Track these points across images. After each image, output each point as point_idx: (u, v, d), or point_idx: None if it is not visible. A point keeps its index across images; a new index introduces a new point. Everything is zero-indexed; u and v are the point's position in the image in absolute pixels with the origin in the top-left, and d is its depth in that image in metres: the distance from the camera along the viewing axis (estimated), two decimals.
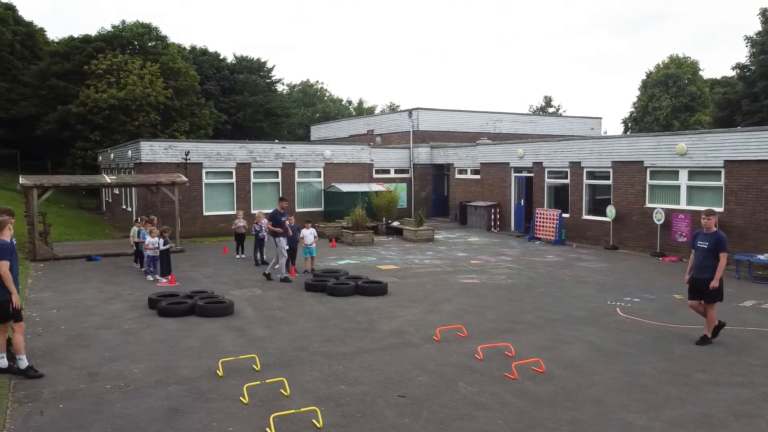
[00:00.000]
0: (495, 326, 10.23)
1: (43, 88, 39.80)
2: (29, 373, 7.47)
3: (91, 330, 9.95)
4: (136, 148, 23.24)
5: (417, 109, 31.86)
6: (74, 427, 6.21)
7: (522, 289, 13.35)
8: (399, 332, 9.85)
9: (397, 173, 29.39)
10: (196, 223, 23.12)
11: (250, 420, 6.38)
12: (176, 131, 40.07)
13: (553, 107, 66.14)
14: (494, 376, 7.76)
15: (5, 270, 7.13)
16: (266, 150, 24.88)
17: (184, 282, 14.17)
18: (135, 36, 42.42)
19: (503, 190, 25.36)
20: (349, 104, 74.74)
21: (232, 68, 53.44)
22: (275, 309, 11.50)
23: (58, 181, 18.76)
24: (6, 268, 7.16)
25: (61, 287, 13.65)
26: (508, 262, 17.15)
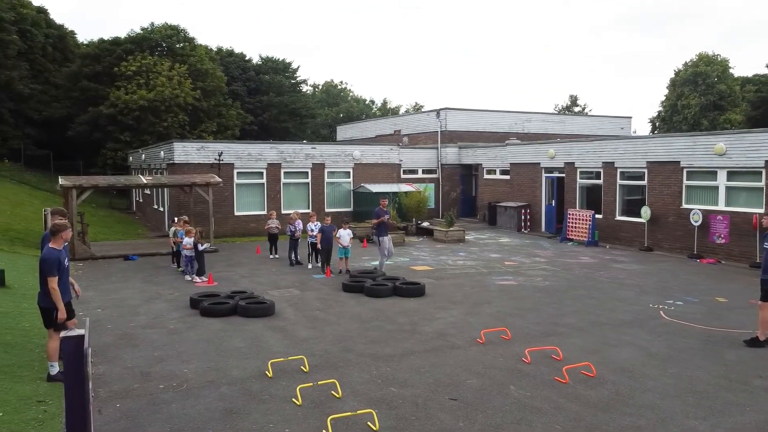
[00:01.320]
0: (538, 329, 10.14)
1: (75, 90, 40.49)
2: (58, 378, 7.26)
3: (138, 329, 10.08)
4: (169, 148, 23.51)
5: (445, 109, 31.76)
6: (134, 426, 6.29)
7: (561, 291, 13.22)
8: (442, 334, 9.82)
9: (425, 173, 29.32)
10: (227, 223, 23.31)
11: (306, 421, 6.40)
12: (204, 132, 40.49)
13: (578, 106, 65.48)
14: (544, 379, 7.69)
15: (53, 286, 7.13)
16: (296, 150, 25.01)
17: (222, 282, 14.29)
18: (163, 38, 42.96)
19: (533, 190, 25.16)
20: (372, 104, 74.81)
21: (258, 69, 53.81)
22: (315, 310, 11.54)
23: (96, 182, 19.06)
24: (54, 284, 7.13)
25: (102, 286, 13.86)
26: (543, 264, 17.00)
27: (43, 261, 7.17)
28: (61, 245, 7.36)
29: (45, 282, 7.15)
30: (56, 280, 7.16)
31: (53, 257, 7.15)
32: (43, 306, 7.27)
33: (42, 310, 7.33)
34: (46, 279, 7.13)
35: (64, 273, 7.34)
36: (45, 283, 7.15)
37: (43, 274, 7.17)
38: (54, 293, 7.18)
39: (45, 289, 7.19)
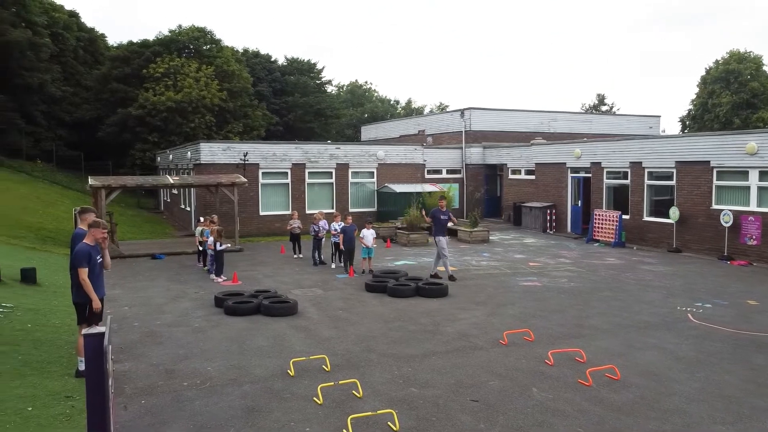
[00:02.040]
0: (562, 331, 10.03)
1: (105, 92, 41.27)
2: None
3: (163, 327, 10.23)
4: (196, 149, 23.82)
5: (469, 108, 31.60)
6: (158, 422, 6.38)
7: (586, 293, 13.06)
8: (464, 335, 9.77)
9: (449, 173, 29.22)
10: (252, 223, 23.53)
11: (326, 420, 6.43)
12: (230, 132, 40.93)
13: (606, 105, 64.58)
14: (567, 382, 7.60)
15: (84, 277, 7.31)
16: (321, 151, 25.13)
17: (246, 281, 14.43)
18: (191, 40, 43.55)
19: (559, 190, 24.89)
20: (397, 104, 74.81)
21: (283, 70, 54.22)
22: (338, 309, 11.58)
23: (125, 182, 19.39)
24: (84, 275, 7.30)
25: (129, 285, 14.10)
26: (568, 265, 16.81)
27: (74, 253, 7.37)
28: (92, 242, 7.52)
29: (77, 276, 7.33)
30: (86, 271, 7.32)
31: (83, 250, 7.34)
32: (76, 301, 7.44)
33: (76, 306, 7.50)
34: (77, 272, 7.31)
35: (95, 268, 7.47)
36: (77, 276, 7.33)
37: (73, 267, 7.35)
38: (85, 284, 7.33)
39: (76, 282, 7.36)
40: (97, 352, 2.97)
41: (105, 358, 2.98)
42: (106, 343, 3.05)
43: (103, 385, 2.97)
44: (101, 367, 2.97)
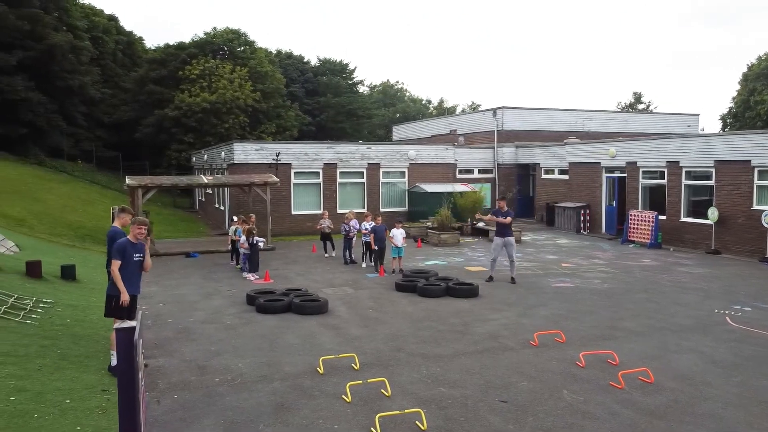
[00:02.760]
0: (594, 332, 9.88)
1: (142, 94, 42.20)
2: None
3: (196, 324, 10.42)
4: (230, 149, 24.17)
5: (501, 108, 31.34)
6: (189, 417, 6.51)
7: (620, 294, 12.83)
8: (494, 335, 9.70)
9: (481, 173, 29.01)
10: (284, 222, 23.76)
11: (354, 419, 6.46)
12: (263, 133, 41.44)
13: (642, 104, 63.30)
14: (599, 384, 7.49)
15: (114, 269, 7.50)
16: (352, 150, 25.24)
17: (277, 279, 14.59)
18: (225, 42, 44.22)
19: (593, 190, 24.51)
20: (429, 104, 74.65)
21: (316, 71, 54.65)
22: (368, 308, 11.62)
23: (160, 182, 19.79)
24: (115, 268, 7.49)
25: (164, 282, 14.39)
26: (602, 266, 16.54)
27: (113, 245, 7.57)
28: (133, 238, 7.70)
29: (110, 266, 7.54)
30: (118, 264, 7.49)
31: (121, 244, 7.53)
32: (109, 293, 7.62)
33: (107, 298, 7.67)
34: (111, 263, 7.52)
35: (129, 263, 7.62)
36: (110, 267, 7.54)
37: (108, 258, 7.55)
38: (115, 276, 7.51)
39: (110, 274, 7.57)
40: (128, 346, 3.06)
41: (135, 351, 3.07)
42: (137, 338, 3.14)
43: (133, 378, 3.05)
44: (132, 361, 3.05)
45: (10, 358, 7.65)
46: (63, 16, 39.23)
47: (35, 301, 10.53)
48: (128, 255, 7.60)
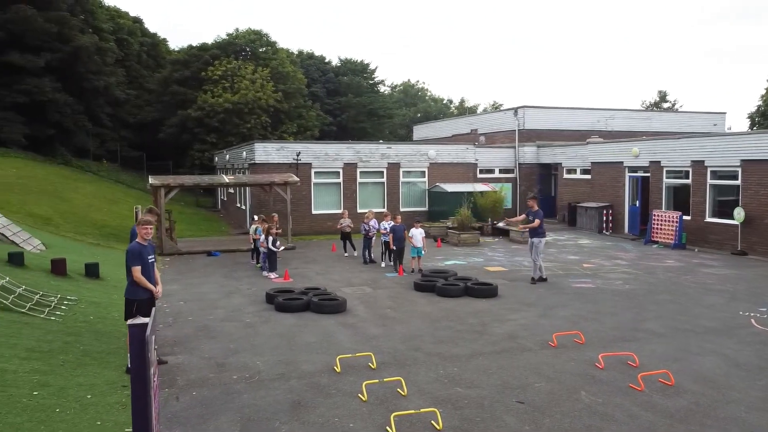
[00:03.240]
0: (615, 334, 9.76)
1: (166, 95, 42.74)
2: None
3: (216, 322, 10.52)
4: (251, 149, 24.36)
5: (523, 107, 31.10)
6: (207, 413, 6.58)
7: (642, 296, 12.65)
8: (512, 336, 9.64)
9: (502, 173, 28.82)
10: (304, 222, 23.88)
11: (370, 417, 6.47)
12: (285, 133, 41.68)
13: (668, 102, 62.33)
14: (618, 386, 7.39)
15: (137, 275, 7.60)
16: (372, 150, 25.27)
17: (297, 278, 14.66)
18: (247, 42, 44.59)
19: (616, 190, 24.20)
20: (450, 103, 74.42)
21: (337, 71, 54.82)
22: (386, 308, 11.63)
23: (183, 181, 20.03)
24: (138, 273, 7.59)
25: (186, 280, 14.56)
26: (624, 267, 16.33)
27: (127, 253, 7.65)
28: (143, 240, 7.79)
29: (130, 273, 7.61)
30: (139, 269, 7.59)
31: (135, 249, 7.63)
32: (128, 297, 7.71)
33: (126, 302, 7.77)
34: (130, 270, 7.59)
35: (146, 266, 7.73)
36: (130, 274, 7.61)
37: (127, 265, 7.64)
38: (140, 281, 7.62)
39: (129, 280, 7.64)
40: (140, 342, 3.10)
41: (147, 347, 3.11)
42: (148, 333, 3.18)
43: (145, 373, 3.10)
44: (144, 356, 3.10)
45: (34, 353, 7.80)
46: (89, 18, 39.90)
47: (60, 298, 10.73)
48: (144, 258, 7.70)
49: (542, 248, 14.07)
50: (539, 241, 13.93)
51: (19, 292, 10.18)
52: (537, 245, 13.90)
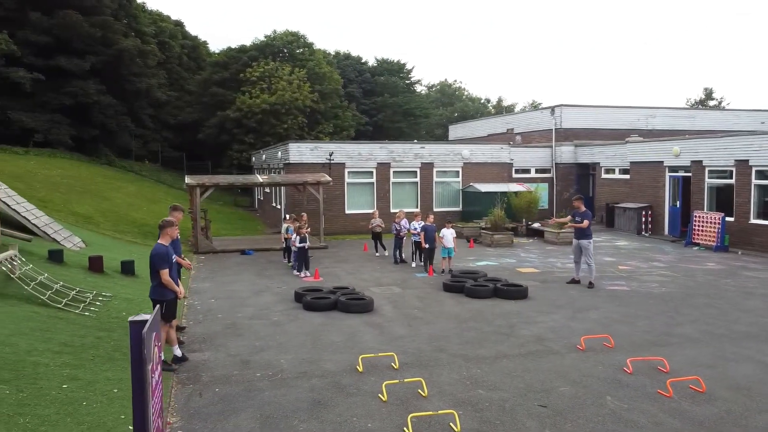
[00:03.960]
0: (647, 338, 9.50)
1: (205, 96, 43.61)
2: (163, 367, 7.84)
3: (245, 320, 10.66)
4: (285, 149, 24.63)
5: (560, 105, 30.59)
6: (228, 410, 6.66)
7: (678, 299, 12.29)
8: (540, 338, 9.48)
9: (538, 173, 28.43)
10: (338, 221, 24.00)
11: (389, 418, 6.45)
12: (321, 133, 42.02)
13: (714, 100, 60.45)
14: (646, 392, 7.19)
15: (166, 278, 7.75)
16: (405, 150, 25.23)
17: (327, 278, 14.74)
18: (285, 44, 45.12)
19: (656, 190, 23.58)
20: (487, 102, 73.78)
21: (373, 71, 54.97)
22: (414, 308, 11.58)
23: (217, 181, 20.38)
24: (167, 276, 7.74)
25: (218, 278, 14.80)
26: (662, 269, 15.89)
27: (153, 256, 7.79)
28: (167, 241, 7.93)
29: (155, 276, 7.75)
30: (167, 272, 7.73)
31: (162, 252, 7.74)
32: (153, 298, 7.86)
33: (153, 303, 7.93)
34: (157, 273, 7.72)
35: (172, 267, 7.88)
36: (155, 276, 7.75)
37: (153, 267, 7.77)
38: (168, 283, 7.77)
39: (156, 282, 7.79)
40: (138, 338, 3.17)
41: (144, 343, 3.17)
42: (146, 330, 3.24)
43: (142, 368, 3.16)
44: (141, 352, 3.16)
45: (67, 347, 8.03)
46: (132, 22, 41.01)
47: (95, 295, 11.04)
48: (170, 259, 7.85)
49: (592, 250, 13.68)
50: (588, 242, 13.48)
51: (56, 288, 10.52)
52: (587, 247, 13.44)
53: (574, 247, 13.75)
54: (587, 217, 13.62)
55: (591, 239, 13.61)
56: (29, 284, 10.20)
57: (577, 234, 13.63)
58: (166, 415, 6.45)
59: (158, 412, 3.73)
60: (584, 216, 13.56)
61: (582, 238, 13.49)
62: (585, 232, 13.56)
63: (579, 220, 13.60)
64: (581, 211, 13.61)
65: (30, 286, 10.13)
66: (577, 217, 13.66)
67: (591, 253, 13.52)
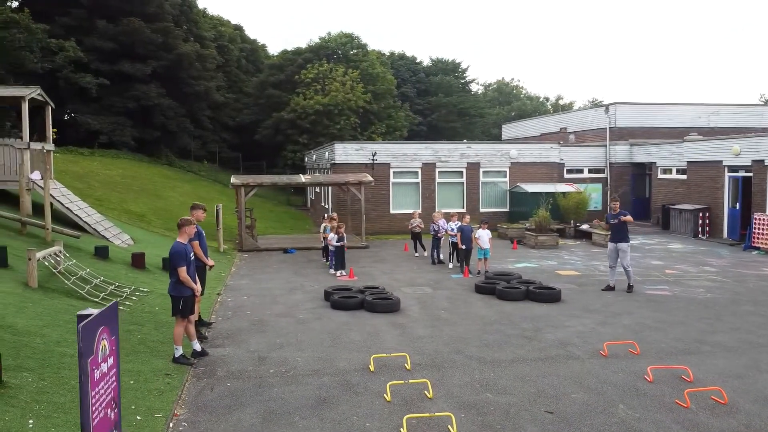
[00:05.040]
0: (677, 345, 9.09)
1: (262, 98, 44.65)
2: (181, 361, 8.09)
3: (271, 317, 10.87)
4: (332, 149, 24.93)
5: (615, 103, 29.64)
6: (234, 404, 6.82)
7: (722, 305, 11.69)
8: (564, 343, 9.23)
9: (591, 173, 27.63)
10: (383, 221, 24.09)
11: (389, 418, 6.44)
12: (373, 133, 42.23)
13: None
14: (663, 401, 6.89)
15: (184, 275, 7.98)
16: (451, 150, 25.06)
17: (362, 277, 14.83)
18: (339, 45, 45.63)
19: (714, 191, 22.48)
20: (546, 101, 72.25)
21: (428, 71, 54.83)
22: (441, 309, 11.50)
23: (261, 181, 20.85)
24: (184, 273, 7.97)
25: (256, 276, 15.14)
26: (712, 274, 15.15)
27: (171, 254, 8.05)
28: (185, 239, 8.18)
29: (174, 273, 8.01)
30: (185, 269, 7.98)
31: (180, 250, 7.99)
32: (173, 295, 8.13)
33: (171, 299, 8.20)
34: (175, 270, 7.99)
35: (190, 265, 8.12)
36: (174, 273, 8.02)
37: (172, 265, 8.04)
38: (186, 281, 8.02)
39: (174, 279, 8.05)
40: (88, 333, 3.29)
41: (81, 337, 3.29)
42: (83, 324, 3.37)
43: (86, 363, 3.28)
44: (89, 345, 3.28)
45: None
46: (192, 27, 42.48)
47: (133, 290, 11.53)
48: (189, 257, 8.08)
49: (630, 254, 13.17)
50: (627, 246, 12.98)
51: (95, 283, 11.06)
52: (625, 250, 12.92)
53: (610, 251, 13.25)
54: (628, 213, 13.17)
55: (629, 242, 13.12)
56: (70, 278, 10.75)
57: (614, 237, 13.14)
58: (175, 407, 6.68)
59: (109, 404, 3.88)
60: (619, 216, 13.04)
61: (620, 241, 13.00)
62: (626, 235, 13.08)
63: (615, 222, 13.12)
64: (615, 213, 13.15)
65: (70, 281, 10.68)
66: (612, 219, 13.20)
67: (629, 256, 13.04)
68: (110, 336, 3.85)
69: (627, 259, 12.96)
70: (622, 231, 13.04)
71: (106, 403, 3.74)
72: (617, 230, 13.10)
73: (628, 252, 13.03)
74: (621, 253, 12.97)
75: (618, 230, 13.08)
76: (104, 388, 3.71)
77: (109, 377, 3.85)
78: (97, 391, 3.56)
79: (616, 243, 13.06)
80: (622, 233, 13.03)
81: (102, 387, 3.67)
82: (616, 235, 13.12)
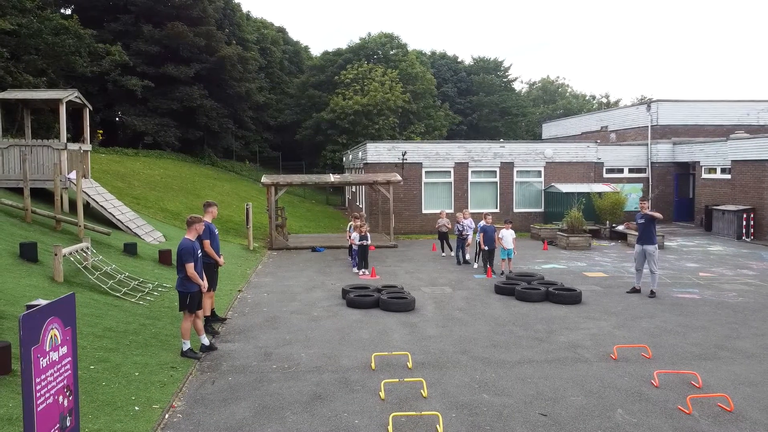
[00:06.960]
0: (694, 350, 8.77)
1: (303, 98, 45.27)
2: (188, 355, 8.27)
3: (286, 314, 11.02)
4: (364, 149, 25.05)
5: (657, 101, 28.73)
6: (231, 398, 6.96)
7: (751, 310, 11.21)
8: (574, 345, 9.04)
9: (632, 172, 26.89)
10: (415, 221, 24.06)
11: (379, 416, 6.45)
12: (413, 133, 42.21)
13: None
14: (665, 407, 6.67)
15: (191, 271, 8.17)
16: (484, 149, 24.81)
17: (385, 276, 14.86)
18: (379, 46, 45.79)
19: (760, 191, 21.55)
20: (593, 99, 70.65)
21: (469, 70, 54.42)
22: (456, 309, 11.43)
23: (291, 180, 21.12)
24: (192, 270, 8.16)
25: (281, 274, 15.36)
26: (749, 278, 14.54)
27: (179, 250, 8.25)
28: (194, 236, 8.38)
29: (182, 269, 8.22)
30: (193, 266, 8.18)
31: (188, 246, 8.19)
32: (180, 290, 8.33)
33: (179, 294, 8.41)
34: (183, 266, 8.20)
35: (197, 261, 8.31)
36: (182, 270, 8.22)
37: (180, 261, 8.24)
38: (193, 277, 8.23)
39: (182, 275, 8.26)
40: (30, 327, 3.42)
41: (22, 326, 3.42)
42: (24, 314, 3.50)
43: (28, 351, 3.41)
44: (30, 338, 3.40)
45: (109, 332, 8.73)
46: (235, 30, 43.38)
47: (156, 285, 11.88)
48: (196, 254, 8.27)
49: (657, 257, 12.78)
50: (654, 248, 12.60)
51: (119, 279, 11.44)
52: (653, 253, 12.53)
53: (637, 253, 12.86)
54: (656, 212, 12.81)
55: (656, 244, 12.71)
56: (95, 274, 11.17)
57: (641, 238, 12.74)
58: (174, 399, 6.86)
59: (60, 390, 4.01)
60: (644, 217, 12.64)
61: (646, 243, 12.60)
62: (653, 237, 12.68)
63: (642, 223, 12.73)
64: (642, 213, 12.74)
65: (95, 276, 11.09)
66: (639, 219, 12.80)
67: (656, 259, 12.63)
68: (63, 326, 3.99)
69: (654, 262, 12.55)
70: (648, 232, 12.64)
71: (57, 390, 3.89)
72: (644, 231, 12.70)
73: (656, 255, 12.62)
74: (648, 255, 12.58)
75: (645, 231, 12.68)
76: (53, 375, 3.86)
77: (61, 365, 4.00)
78: (44, 378, 3.72)
79: (642, 245, 12.66)
80: (648, 235, 12.63)
81: (51, 374, 3.82)
82: (642, 236, 12.72)
